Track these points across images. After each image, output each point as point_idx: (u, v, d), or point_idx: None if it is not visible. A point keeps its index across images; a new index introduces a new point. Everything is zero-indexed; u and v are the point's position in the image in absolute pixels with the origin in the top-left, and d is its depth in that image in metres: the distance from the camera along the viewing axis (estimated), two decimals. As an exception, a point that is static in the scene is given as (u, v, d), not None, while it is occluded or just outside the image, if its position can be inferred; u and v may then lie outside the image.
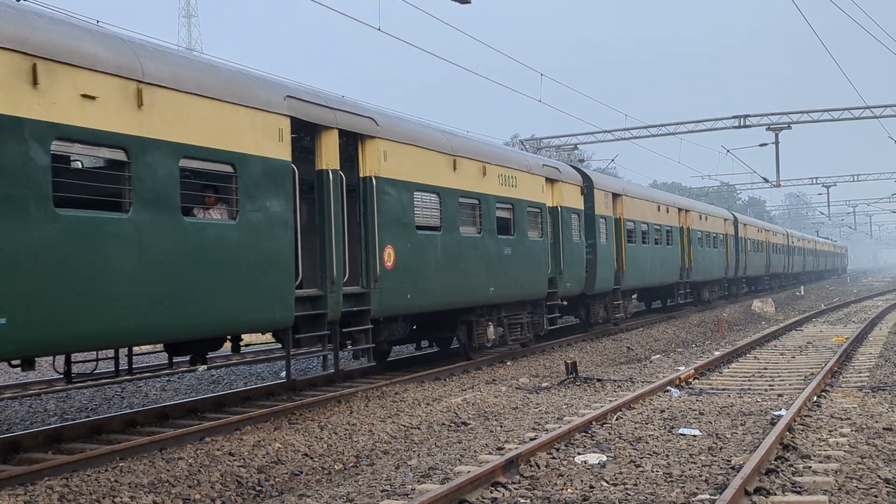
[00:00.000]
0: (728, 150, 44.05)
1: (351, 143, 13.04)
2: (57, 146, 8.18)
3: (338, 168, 12.20)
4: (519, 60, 26.50)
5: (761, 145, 42.14)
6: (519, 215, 18.12)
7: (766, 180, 48.67)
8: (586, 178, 23.31)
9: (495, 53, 25.53)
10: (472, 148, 16.65)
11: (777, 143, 39.96)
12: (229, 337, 11.91)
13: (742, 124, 37.77)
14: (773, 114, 38.27)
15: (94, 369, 10.57)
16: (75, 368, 10.46)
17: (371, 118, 13.21)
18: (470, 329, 17.06)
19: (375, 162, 13.08)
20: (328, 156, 12.12)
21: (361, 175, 13.04)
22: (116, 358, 10.75)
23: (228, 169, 10.22)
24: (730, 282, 41.64)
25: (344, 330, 12.68)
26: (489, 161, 17.00)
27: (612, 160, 45.47)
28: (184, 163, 9.53)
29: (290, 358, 11.74)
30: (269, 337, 20.00)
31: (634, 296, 29.64)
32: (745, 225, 43.52)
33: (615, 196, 25.17)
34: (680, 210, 32.21)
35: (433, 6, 19.50)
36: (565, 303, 21.64)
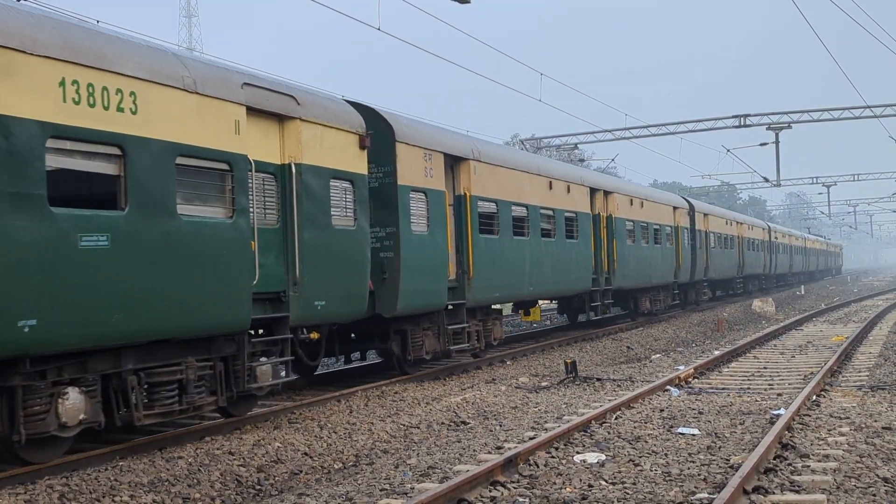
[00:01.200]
0: (728, 150, 44.09)
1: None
2: None
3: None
4: (519, 60, 26.53)
5: (761, 145, 42.16)
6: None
7: (767, 180, 48.70)
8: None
9: (495, 53, 25.55)
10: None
11: (777, 142, 40.00)
12: None
13: (742, 124, 37.77)
14: (773, 113, 38.30)
15: None
16: None
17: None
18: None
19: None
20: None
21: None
22: None
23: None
24: (684, 286, 33.81)
25: None
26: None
27: (613, 160, 45.53)
28: None
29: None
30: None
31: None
32: (705, 215, 35.85)
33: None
34: (594, 191, 23.94)
35: (433, 6, 19.51)
36: None
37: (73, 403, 8.59)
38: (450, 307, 16.01)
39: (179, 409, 9.72)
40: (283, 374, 11.47)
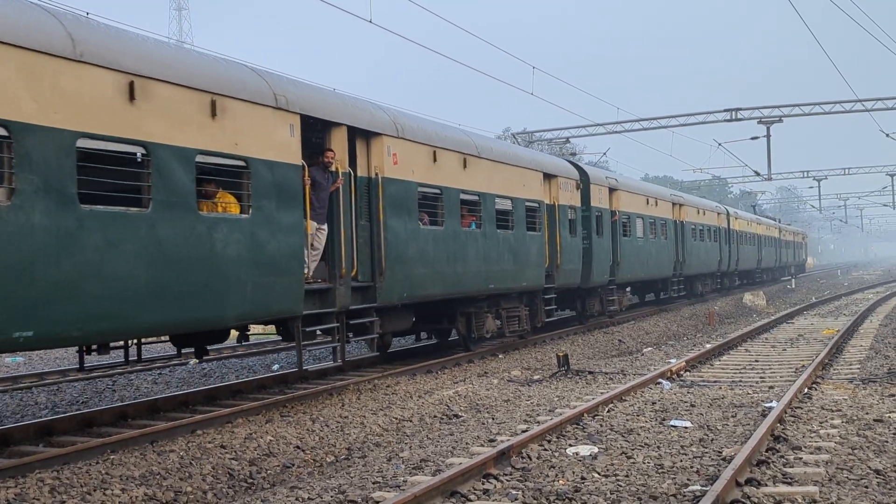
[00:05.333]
0: (720, 144, 44.10)
1: None
2: None
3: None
4: (511, 53, 26.49)
5: (753, 138, 42.22)
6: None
7: (758, 174, 48.77)
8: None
9: (487, 46, 25.50)
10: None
11: (768, 136, 40.05)
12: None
13: (734, 118, 37.79)
14: (764, 107, 38.33)
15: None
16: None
17: None
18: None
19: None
20: None
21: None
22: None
23: None
24: (587, 292, 23.96)
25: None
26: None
27: (604, 153, 45.53)
28: None
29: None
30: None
31: None
32: (611, 190, 25.21)
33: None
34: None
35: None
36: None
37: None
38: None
39: None
40: None
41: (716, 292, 40.30)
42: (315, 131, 12.86)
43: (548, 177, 20.47)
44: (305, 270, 11.90)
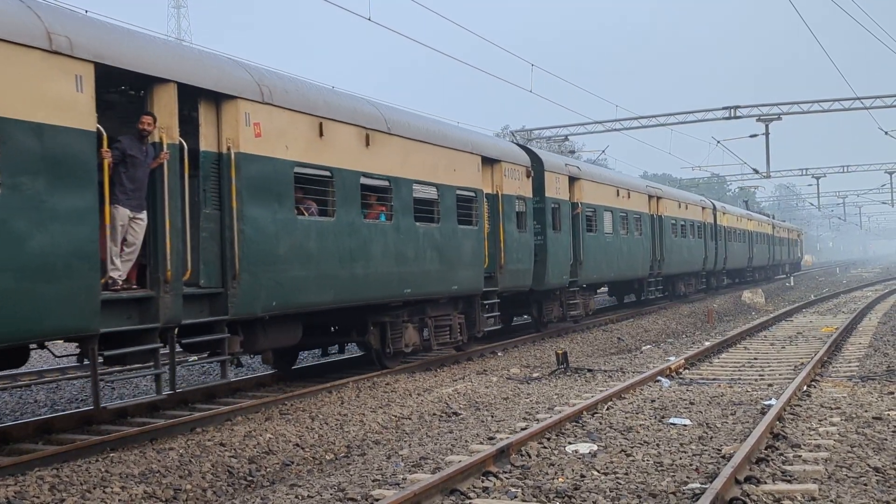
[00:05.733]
0: (718, 142, 44.09)
1: None
2: None
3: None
4: (509, 50, 26.49)
5: (751, 136, 42.21)
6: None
7: (757, 171, 48.76)
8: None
9: (486, 44, 25.52)
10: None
11: (767, 134, 40.01)
12: None
13: (732, 115, 37.77)
14: (763, 105, 38.32)
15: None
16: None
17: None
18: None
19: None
20: None
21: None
22: None
23: None
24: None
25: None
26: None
27: (603, 151, 45.54)
28: None
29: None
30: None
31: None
32: (572, 179, 22.29)
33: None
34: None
35: (424, -4, 19.44)
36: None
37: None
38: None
39: None
40: None
41: (702, 293, 38.01)
42: (131, 90, 10.49)
43: (489, 162, 17.47)
44: (115, 274, 9.32)
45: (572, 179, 22.30)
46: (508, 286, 18.16)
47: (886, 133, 39.73)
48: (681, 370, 14.69)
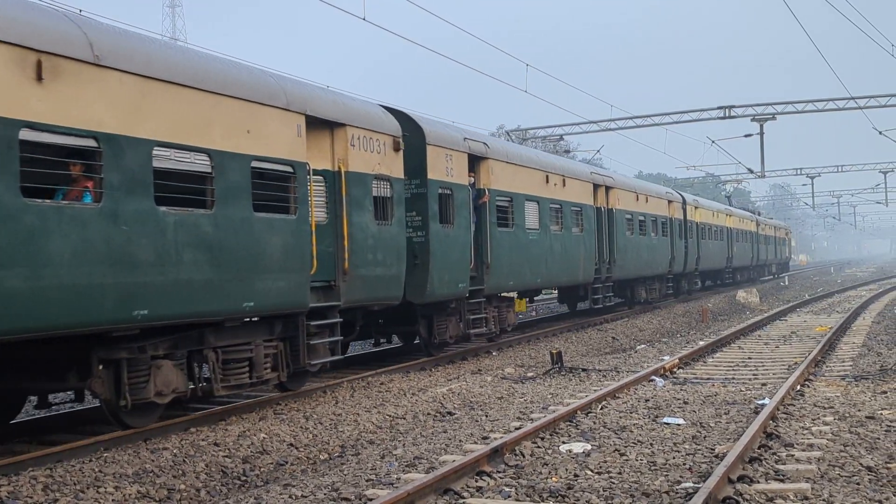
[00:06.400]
0: (713, 141, 44.18)
1: None
2: None
3: None
4: (504, 50, 26.50)
5: (746, 136, 42.28)
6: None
7: (751, 171, 48.85)
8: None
9: (481, 44, 25.52)
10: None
11: (762, 133, 40.10)
12: None
13: (727, 115, 37.87)
14: (758, 104, 38.42)
15: None
16: None
17: None
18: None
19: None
20: None
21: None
22: None
23: None
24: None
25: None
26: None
27: (598, 151, 45.59)
28: None
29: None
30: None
31: None
32: (480, 159, 17.70)
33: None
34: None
35: (419, -4, 19.44)
36: None
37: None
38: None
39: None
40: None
41: (668, 298, 33.25)
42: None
43: (320, 124, 12.56)
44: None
45: (476, 159, 17.47)
46: (359, 299, 13.28)
47: (881, 133, 39.84)
48: (675, 369, 14.72)
